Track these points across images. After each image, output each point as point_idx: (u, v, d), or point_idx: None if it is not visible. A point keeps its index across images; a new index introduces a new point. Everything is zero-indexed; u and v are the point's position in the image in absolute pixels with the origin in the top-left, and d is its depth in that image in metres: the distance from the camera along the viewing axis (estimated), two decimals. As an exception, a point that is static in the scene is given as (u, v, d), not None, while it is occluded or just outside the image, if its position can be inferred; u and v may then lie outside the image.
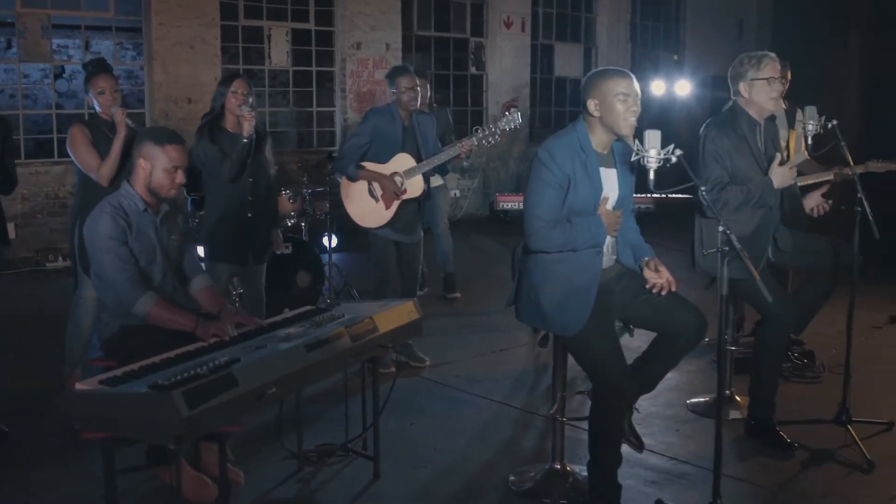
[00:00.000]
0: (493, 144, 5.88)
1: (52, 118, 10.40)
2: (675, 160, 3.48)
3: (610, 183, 3.81)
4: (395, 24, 12.29)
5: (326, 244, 7.80)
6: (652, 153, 3.48)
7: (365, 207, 5.77)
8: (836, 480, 4.26)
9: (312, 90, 11.97)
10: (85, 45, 11.92)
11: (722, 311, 3.62)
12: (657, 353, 3.96)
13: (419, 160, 5.75)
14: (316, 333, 3.68)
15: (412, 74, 5.75)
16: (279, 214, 7.39)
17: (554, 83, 14.77)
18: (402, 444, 4.68)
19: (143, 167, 4.00)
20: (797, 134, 5.76)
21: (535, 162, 3.76)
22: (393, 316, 4.12)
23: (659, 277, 3.78)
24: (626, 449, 3.95)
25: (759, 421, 4.72)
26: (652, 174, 3.48)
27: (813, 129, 4.84)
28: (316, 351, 3.54)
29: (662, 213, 6.66)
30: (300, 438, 4.40)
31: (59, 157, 9.82)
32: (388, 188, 5.67)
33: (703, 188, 3.68)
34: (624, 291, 3.91)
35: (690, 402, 5.28)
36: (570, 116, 14.45)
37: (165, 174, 3.99)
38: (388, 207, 5.72)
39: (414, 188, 5.75)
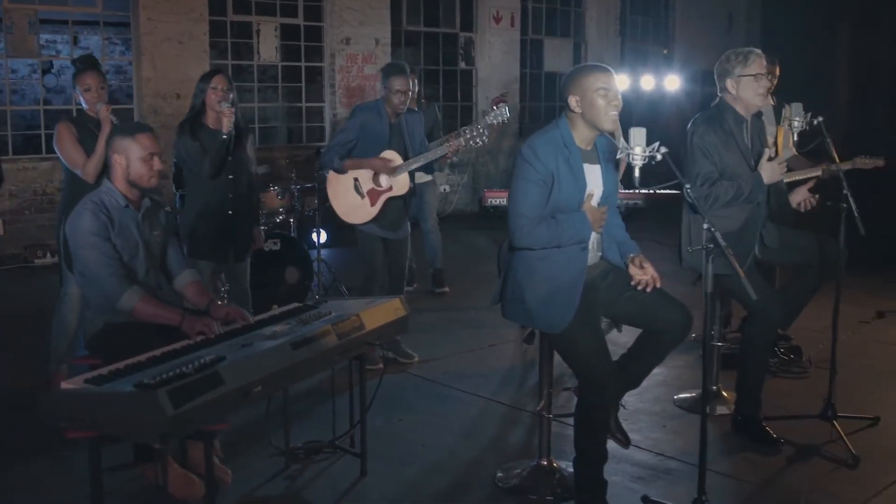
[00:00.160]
0: (480, 145, 5.87)
1: (39, 114, 10.37)
2: (660, 158, 3.48)
3: (594, 179, 3.81)
4: (384, 19, 12.28)
5: (315, 240, 7.80)
6: (637, 151, 3.49)
7: (350, 204, 5.77)
8: (821, 476, 4.27)
9: (301, 85, 11.95)
10: (73, 40, 11.87)
11: (707, 308, 3.63)
12: (643, 349, 3.97)
13: (406, 157, 5.74)
14: (302, 331, 3.67)
15: (407, 76, 5.69)
16: (268, 210, 7.41)
17: (543, 78, 14.77)
18: (389, 440, 4.68)
19: (118, 162, 4.00)
20: (784, 130, 5.77)
21: (518, 159, 3.76)
22: (379, 313, 4.12)
23: (644, 274, 3.79)
24: (612, 445, 3.96)
25: (745, 416, 4.74)
26: (637, 171, 3.49)
27: (799, 125, 4.86)
28: (302, 349, 3.53)
29: (652, 207, 6.67)
30: (287, 435, 4.40)
31: (46, 153, 9.79)
32: (377, 167, 5.66)
33: (687, 186, 3.68)
34: (609, 288, 3.92)
35: (677, 397, 5.29)
36: (559, 111, 14.43)
37: (142, 163, 3.99)
38: (373, 204, 5.72)
39: (400, 186, 5.74)
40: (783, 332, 5.77)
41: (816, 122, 4.75)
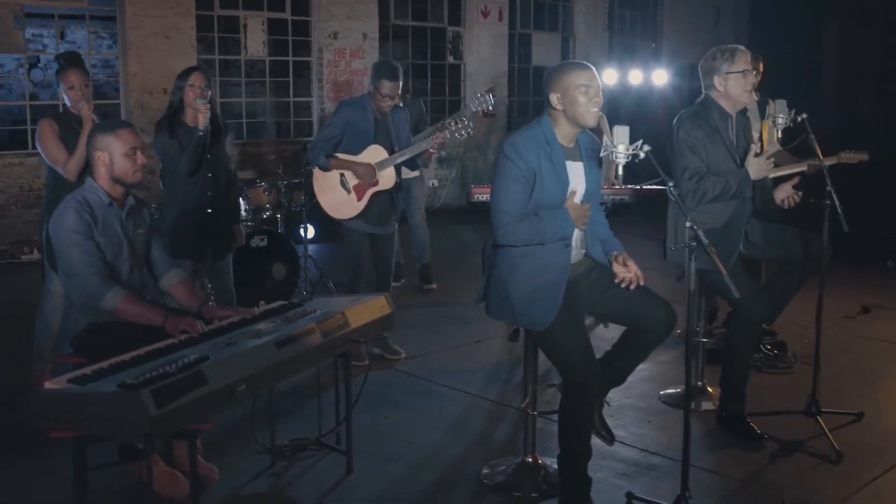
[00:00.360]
0: (466, 137, 5.87)
1: (26, 109, 10.32)
2: (643, 156, 3.49)
3: (577, 176, 3.81)
4: (371, 13, 12.25)
5: (302, 236, 7.79)
6: (620, 149, 3.50)
7: (337, 199, 5.76)
8: (804, 472, 4.30)
9: (289, 80, 11.91)
10: (60, 34, 11.81)
11: (690, 306, 3.65)
12: (627, 346, 3.98)
13: (392, 152, 5.74)
14: (287, 330, 3.67)
15: (397, 81, 5.63)
16: (255, 206, 7.40)
17: (532, 72, 14.76)
18: (375, 437, 4.69)
19: (101, 159, 3.99)
20: (769, 126, 5.78)
21: (500, 156, 3.77)
22: (365, 311, 4.12)
23: (627, 272, 3.80)
24: (597, 441, 3.97)
25: (730, 412, 4.76)
26: (621, 170, 3.50)
27: (783, 122, 4.87)
28: (286, 347, 3.54)
29: (639, 202, 6.67)
30: (273, 433, 4.41)
31: (33, 148, 9.63)
32: (361, 175, 5.66)
33: (671, 185, 3.69)
34: (593, 286, 3.93)
35: (663, 393, 5.31)
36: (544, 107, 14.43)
37: (125, 158, 3.98)
38: (359, 199, 5.71)
39: (386, 180, 5.74)
40: (768, 327, 5.79)
41: (800, 118, 4.76)
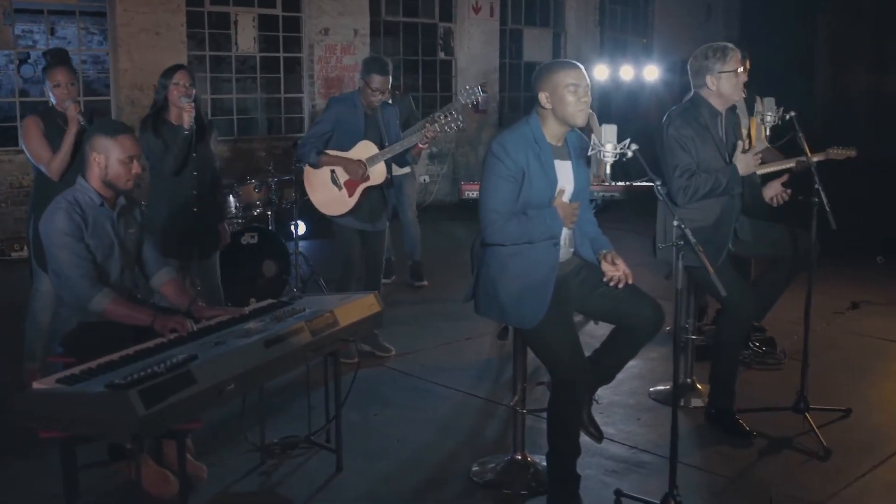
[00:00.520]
0: (456, 130, 5.86)
1: (15, 105, 10.29)
2: (630, 155, 3.50)
3: (565, 175, 3.81)
4: (363, 9, 12.23)
5: (293, 233, 7.78)
6: (608, 148, 3.51)
7: (328, 195, 5.76)
8: (792, 468, 4.32)
9: (280, 76, 11.90)
10: (50, 30, 11.76)
11: (677, 304, 3.66)
12: (615, 345, 3.98)
13: (382, 148, 5.74)
14: (275, 329, 3.68)
15: (387, 76, 5.65)
16: (245, 203, 7.39)
17: (523, 68, 14.75)
18: (365, 435, 4.70)
19: (96, 161, 3.97)
20: (757, 122, 5.80)
21: (488, 156, 3.77)
22: (354, 309, 4.13)
23: (616, 270, 3.80)
24: (585, 439, 3.98)
25: (718, 409, 4.78)
26: (608, 168, 3.51)
27: (771, 120, 4.88)
28: (275, 346, 3.54)
29: (630, 198, 6.69)
30: (263, 431, 4.41)
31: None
32: (352, 171, 5.66)
33: (658, 183, 3.70)
34: (582, 284, 3.93)
35: (652, 390, 5.32)
36: (532, 106, 14.42)
37: (121, 165, 3.96)
38: (350, 195, 5.71)
39: (377, 175, 5.74)
40: (758, 323, 5.81)
41: (788, 116, 4.77)
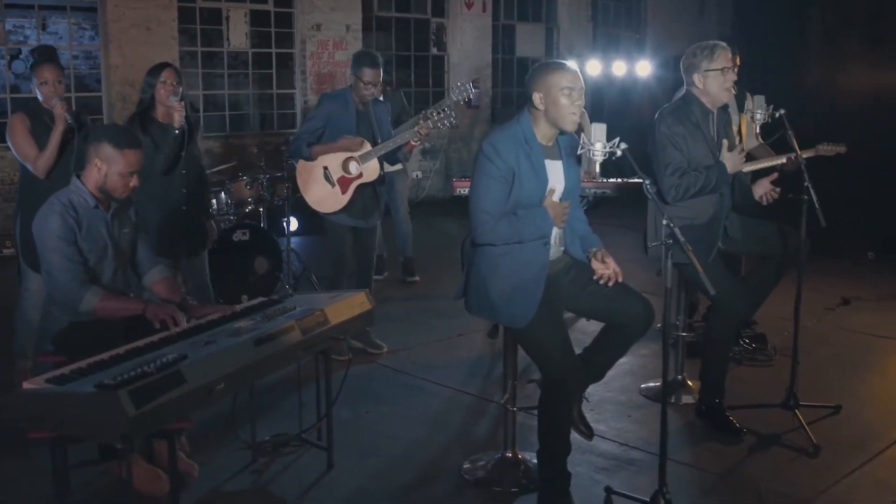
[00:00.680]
0: (449, 126, 5.86)
1: (6, 101, 10.26)
2: (620, 154, 3.51)
3: (556, 175, 3.82)
4: (355, 4, 12.20)
5: (285, 229, 7.77)
6: (597, 147, 3.51)
7: (321, 192, 5.75)
8: (782, 465, 4.33)
9: (272, 72, 11.88)
10: (41, 25, 11.71)
11: (667, 302, 3.67)
12: (606, 342, 4.00)
13: (375, 144, 5.73)
14: (266, 327, 3.67)
15: (378, 69, 5.64)
16: (237, 200, 7.38)
17: (516, 63, 14.75)
18: (356, 432, 4.70)
19: (98, 167, 3.97)
20: (747, 120, 5.81)
21: (479, 155, 3.77)
22: (344, 308, 4.12)
23: (606, 268, 3.81)
24: (576, 436, 3.99)
25: (709, 406, 4.79)
26: (598, 167, 3.51)
27: (761, 118, 4.89)
28: (265, 345, 3.53)
29: (622, 195, 6.71)
30: (254, 429, 4.41)
31: (13, 141, 9.67)
32: (347, 146, 5.63)
33: (647, 182, 3.71)
34: (572, 283, 3.94)
35: (643, 387, 5.34)
36: (523, 105, 14.43)
37: (121, 178, 3.97)
38: (344, 192, 5.71)
39: (370, 172, 5.73)
40: (749, 318, 5.82)
41: (778, 114, 4.78)
